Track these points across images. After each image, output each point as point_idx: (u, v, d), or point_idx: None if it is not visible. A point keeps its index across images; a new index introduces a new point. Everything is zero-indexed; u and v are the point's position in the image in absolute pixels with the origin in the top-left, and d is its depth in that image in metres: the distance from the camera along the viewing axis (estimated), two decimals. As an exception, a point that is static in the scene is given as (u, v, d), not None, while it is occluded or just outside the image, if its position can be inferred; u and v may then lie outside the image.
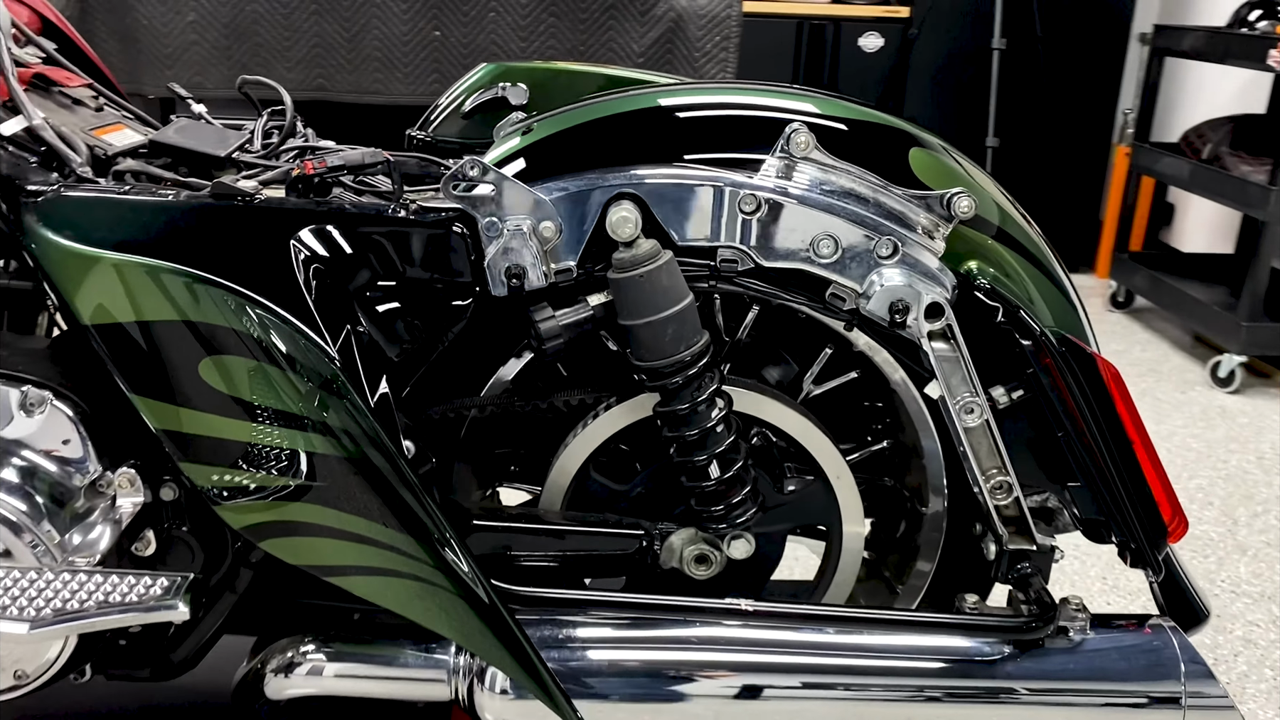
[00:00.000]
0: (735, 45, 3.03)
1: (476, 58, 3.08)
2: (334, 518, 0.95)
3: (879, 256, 1.00)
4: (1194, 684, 1.02)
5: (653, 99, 1.05)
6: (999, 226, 1.06)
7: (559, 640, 0.98)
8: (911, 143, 1.05)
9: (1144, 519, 1.06)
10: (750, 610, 1.00)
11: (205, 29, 3.05)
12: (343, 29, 3.06)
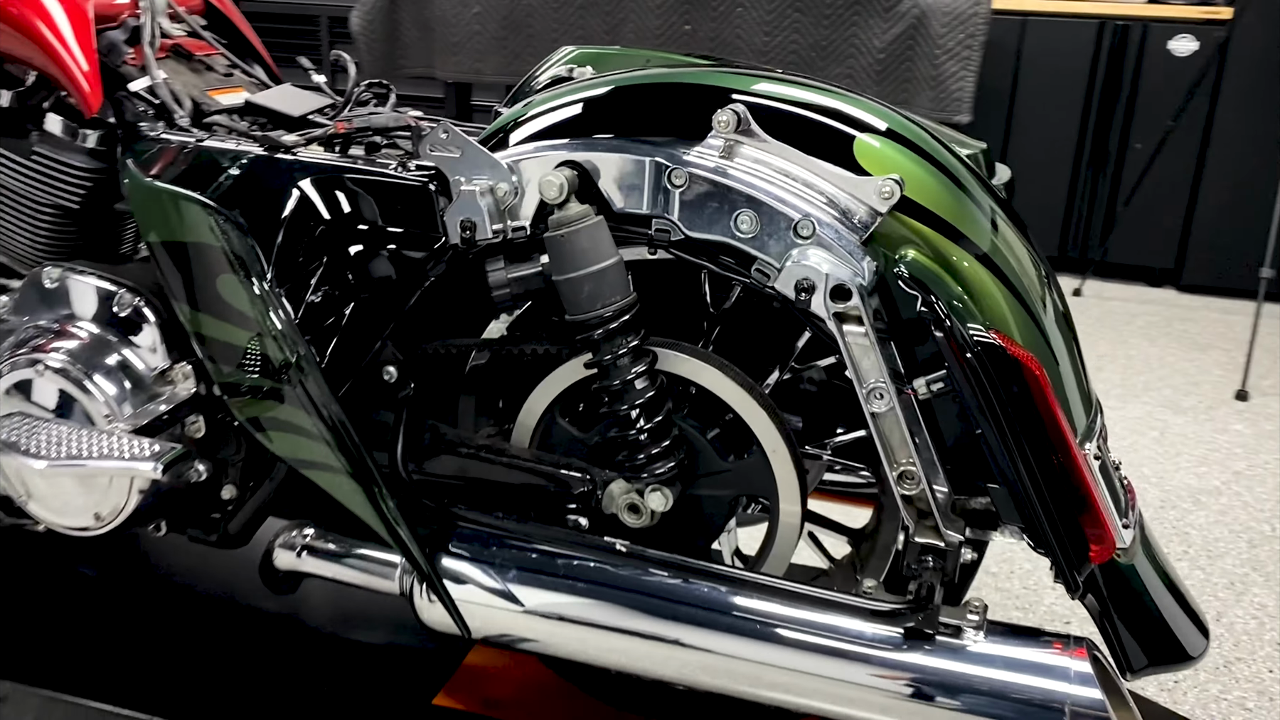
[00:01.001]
0: (980, 43, 2.95)
1: (722, 51, 3.21)
2: (303, 419, 1.14)
3: (797, 236, 1.03)
4: (1078, 710, 0.97)
5: (616, 82, 1.15)
6: (951, 224, 1.05)
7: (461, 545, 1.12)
8: (864, 130, 1.07)
9: (1063, 532, 1.01)
10: (624, 550, 1.08)
11: (486, 20, 3.40)
12: (603, 22, 3.30)
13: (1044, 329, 1.07)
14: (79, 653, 1.49)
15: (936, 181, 1.07)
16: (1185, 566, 2.26)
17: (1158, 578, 1.16)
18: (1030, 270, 1.11)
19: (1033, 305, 1.07)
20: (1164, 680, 1.86)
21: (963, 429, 1.05)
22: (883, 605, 1.05)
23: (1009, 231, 1.12)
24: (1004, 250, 1.08)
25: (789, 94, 1.10)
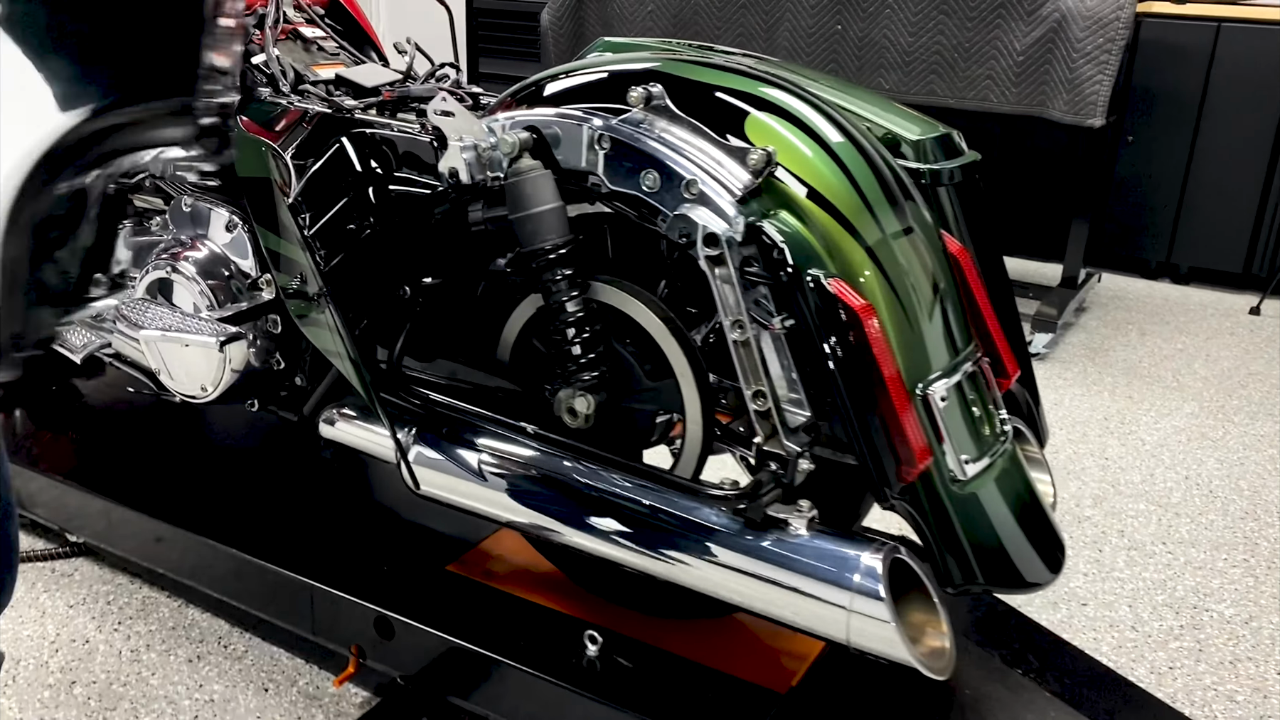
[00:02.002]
0: (1119, 48, 2.98)
1: (868, 51, 3.37)
2: (326, 321, 1.49)
3: (687, 192, 1.26)
4: (861, 600, 1.15)
5: (589, 66, 1.42)
6: (817, 190, 1.25)
7: (422, 423, 1.43)
8: (764, 110, 1.29)
9: (873, 453, 1.19)
10: (530, 431, 1.35)
11: (658, 18, 3.70)
12: (762, 21, 3.53)
13: (895, 284, 1.25)
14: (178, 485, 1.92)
15: (817, 157, 1.27)
16: (1239, 572, 2.27)
17: (1006, 509, 1.31)
18: (899, 236, 1.28)
19: (886, 263, 1.25)
20: (1156, 663, 1.93)
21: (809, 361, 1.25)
22: (722, 493, 1.27)
23: (892, 208, 1.29)
24: (876, 218, 1.26)
25: (712, 78, 1.34)
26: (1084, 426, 2.91)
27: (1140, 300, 4.02)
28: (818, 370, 1.23)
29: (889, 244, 1.26)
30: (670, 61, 1.39)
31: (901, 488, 1.22)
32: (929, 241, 1.33)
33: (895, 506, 1.22)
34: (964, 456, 1.28)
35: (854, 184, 1.28)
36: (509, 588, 1.67)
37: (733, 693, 1.46)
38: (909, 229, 1.31)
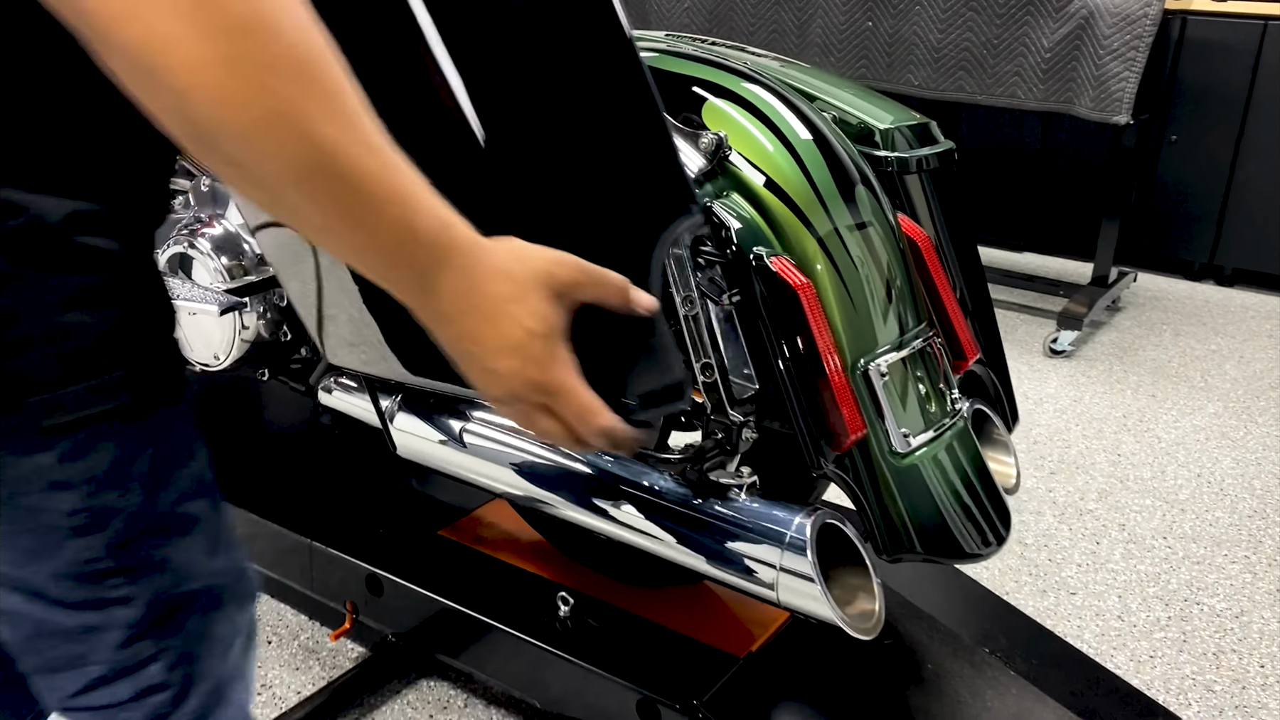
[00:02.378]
0: (1146, 45, 2.98)
1: (898, 47, 3.40)
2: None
3: (644, 173, 1.33)
4: (789, 559, 1.22)
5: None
6: (774, 180, 1.32)
7: (408, 392, 1.53)
8: (722, 98, 1.36)
9: (805, 424, 1.25)
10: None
11: (695, 13, 3.77)
12: (795, 17, 3.58)
13: (842, 269, 1.31)
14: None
15: (776, 151, 1.33)
16: (1238, 568, 2.27)
17: (949, 482, 1.36)
18: (851, 229, 1.34)
19: (834, 250, 1.31)
20: (1137, 652, 1.95)
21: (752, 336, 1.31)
22: (666, 456, 1.34)
23: (845, 203, 1.35)
24: (827, 210, 1.32)
25: (680, 68, 1.41)
26: (1100, 423, 2.91)
27: (1179, 301, 3.98)
28: (762, 344, 1.30)
29: (838, 234, 1.32)
30: (643, 52, 1.46)
31: (836, 457, 1.28)
32: (883, 232, 1.38)
33: (827, 475, 1.28)
34: (904, 430, 1.33)
35: (808, 177, 1.33)
36: (494, 552, 1.76)
37: (692, 654, 1.52)
38: (862, 224, 1.36)
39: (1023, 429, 2.84)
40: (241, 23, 0.59)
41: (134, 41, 0.58)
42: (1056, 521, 2.39)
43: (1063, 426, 2.88)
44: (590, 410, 0.77)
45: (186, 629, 0.92)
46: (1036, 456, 2.69)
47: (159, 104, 0.61)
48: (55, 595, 0.85)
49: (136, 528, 0.86)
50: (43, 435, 0.77)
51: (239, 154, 0.62)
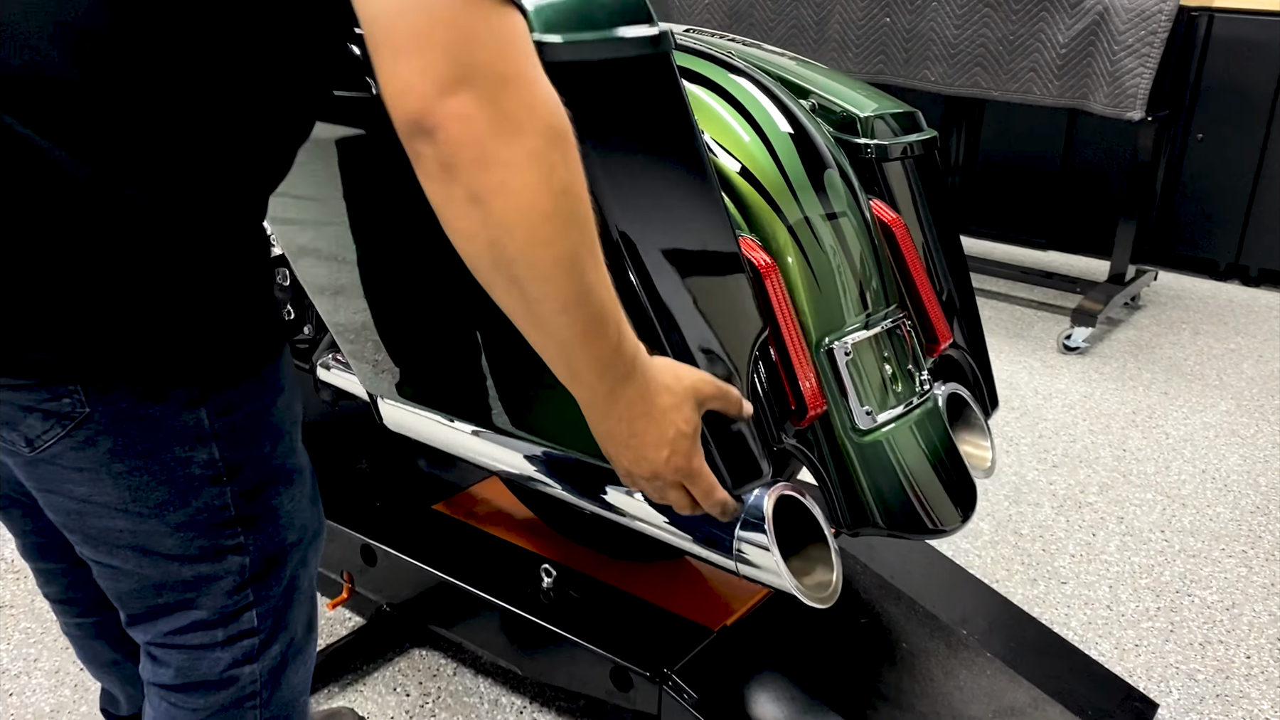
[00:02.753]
0: (1160, 40, 2.98)
1: (915, 43, 3.42)
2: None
3: (619, 156, 1.38)
4: (747, 529, 1.26)
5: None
6: (749, 169, 1.36)
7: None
8: (701, 85, 1.41)
9: (771, 396, 1.29)
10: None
11: (715, 9, 3.81)
12: (814, 13, 3.61)
13: (809, 253, 1.34)
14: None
15: (752, 142, 1.37)
16: (1234, 562, 2.27)
17: (912, 459, 1.39)
18: (822, 219, 1.37)
19: (802, 236, 1.34)
20: (1122, 640, 1.97)
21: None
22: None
23: (816, 193, 1.38)
24: (798, 200, 1.36)
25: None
26: (1108, 418, 2.91)
27: (1202, 300, 3.96)
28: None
29: (808, 222, 1.35)
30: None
31: (798, 432, 1.31)
32: (855, 220, 1.42)
33: (785, 448, 1.32)
34: (866, 408, 1.36)
35: (780, 167, 1.37)
36: (484, 526, 1.81)
37: (667, 626, 1.57)
38: (832, 213, 1.39)
39: (1029, 423, 2.86)
40: (567, 187, 0.78)
41: (485, 184, 0.75)
42: (1054, 513, 2.40)
43: (1070, 421, 2.88)
44: (713, 488, 1.02)
45: (283, 578, 1.05)
46: (1040, 450, 2.71)
47: (475, 229, 0.78)
48: (174, 550, 0.97)
49: (261, 476, 0.99)
50: (197, 394, 0.91)
51: (528, 281, 0.81)
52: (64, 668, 1.80)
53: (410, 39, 0.72)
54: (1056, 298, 3.81)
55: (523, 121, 0.75)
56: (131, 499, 0.92)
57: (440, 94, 0.73)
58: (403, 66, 0.73)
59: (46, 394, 0.86)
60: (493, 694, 1.78)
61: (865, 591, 1.77)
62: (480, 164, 0.74)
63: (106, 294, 0.83)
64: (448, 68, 0.73)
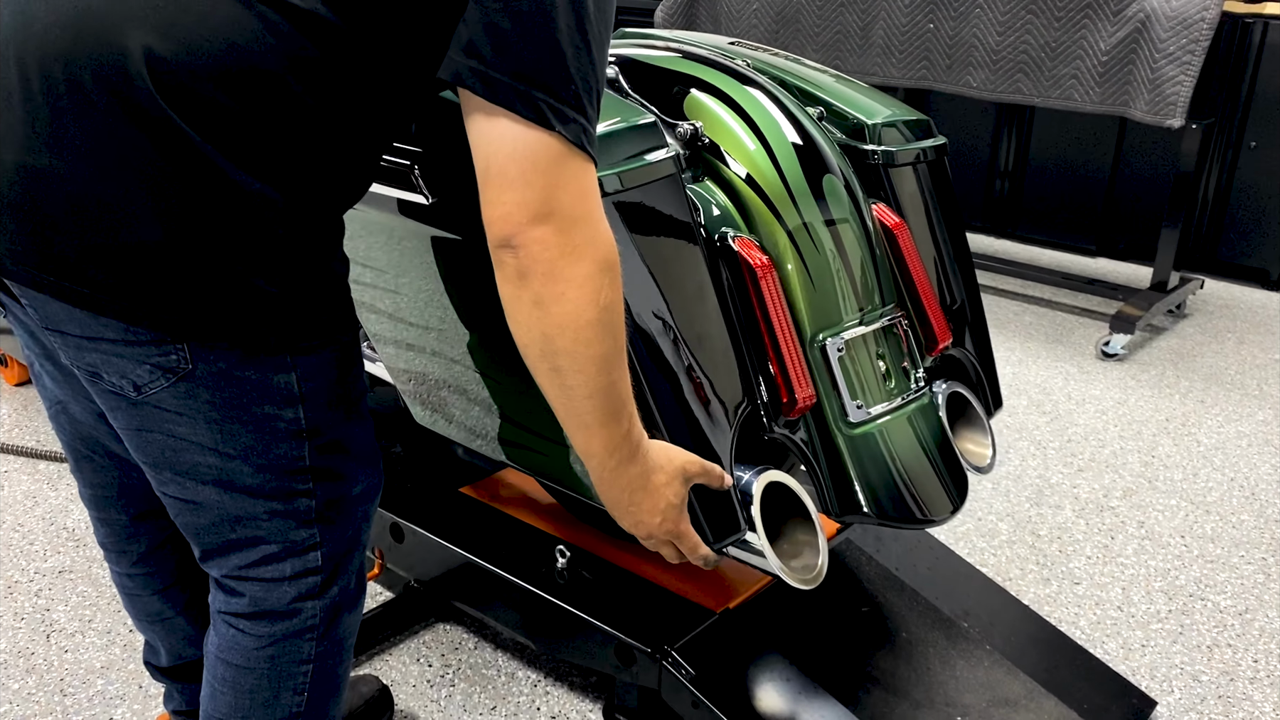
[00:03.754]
0: (1202, 49, 2.98)
1: (958, 49, 3.46)
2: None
3: (630, 158, 1.46)
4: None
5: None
6: (752, 176, 1.43)
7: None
8: (699, 89, 1.48)
9: (764, 389, 1.36)
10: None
11: (762, 15, 3.87)
12: (859, 19, 3.65)
13: (806, 256, 1.41)
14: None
15: (756, 151, 1.44)
16: (1252, 569, 2.29)
17: (904, 452, 1.45)
18: (820, 223, 1.44)
19: (800, 239, 1.41)
20: (1129, 640, 2.00)
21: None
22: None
23: (815, 200, 1.45)
24: (797, 206, 1.42)
25: (675, 65, 1.54)
26: (1140, 425, 2.92)
27: (1250, 310, 3.92)
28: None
29: (806, 227, 1.42)
30: (643, 49, 1.59)
31: (789, 422, 1.39)
32: (855, 225, 1.48)
33: (777, 437, 1.39)
34: (858, 401, 1.43)
35: (782, 175, 1.44)
36: (506, 508, 1.91)
37: (672, 607, 1.65)
38: (831, 219, 1.46)
39: (1059, 427, 2.88)
40: (610, 304, 1.03)
41: (549, 292, 1.00)
42: (1075, 516, 2.43)
43: (1100, 427, 2.90)
44: (697, 545, 1.26)
45: (346, 528, 1.22)
46: (1068, 454, 2.73)
47: (534, 324, 1.03)
48: (253, 484, 1.13)
49: (334, 435, 1.16)
50: (289, 358, 1.08)
51: (567, 370, 1.05)
52: (115, 629, 1.93)
53: (516, 177, 0.97)
54: (1099, 304, 3.80)
55: (585, 252, 1.00)
56: (222, 440, 1.09)
57: (529, 222, 0.97)
58: (506, 196, 0.98)
59: (156, 350, 1.02)
60: (509, 668, 1.87)
61: (869, 582, 1.83)
62: (548, 277, 0.99)
63: (222, 271, 0.99)
64: (539, 204, 0.97)
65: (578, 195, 0.99)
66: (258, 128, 0.96)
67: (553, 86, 0.96)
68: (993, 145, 4.49)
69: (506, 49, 0.96)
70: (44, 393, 1.31)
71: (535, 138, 0.97)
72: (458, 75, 0.98)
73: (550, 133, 0.97)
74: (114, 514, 1.39)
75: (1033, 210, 4.49)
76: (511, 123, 0.96)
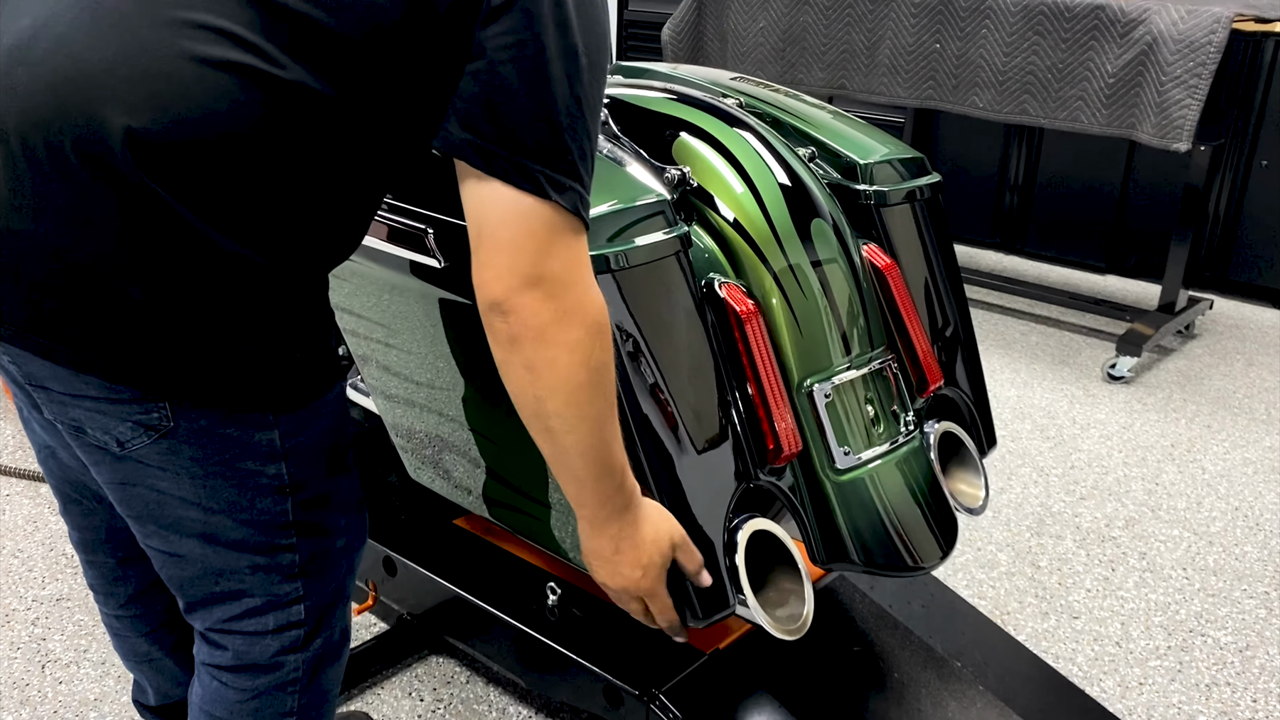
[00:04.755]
0: (1209, 72, 2.96)
1: (965, 69, 3.44)
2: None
3: (617, 202, 1.46)
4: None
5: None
6: (739, 221, 1.42)
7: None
8: (687, 132, 1.48)
9: (750, 436, 1.36)
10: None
11: (769, 34, 3.87)
12: (866, 38, 3.64)
13: (793, 301, 1.40)
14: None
15: (744, 194, 1.43)
16: (1254, 604, 2.26)
17: (892, 498, 1.44)
18: (807, 266, 1.43)
19: (787, 284, 1.40)
20: (1126, 678, 1.99)
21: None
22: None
23: (802, 242, 1.44)
24: (783, 250, 1.41)
25: (664, 108, 1.54)
26: (1145, 451, 2.90)
27: (1261, 331, 3.89)
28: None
29: (792, 270, 1.41)
30: (632, 91, 1.59)
31: (773, 469, 1.38)
32: (844, 266, 1.47)
33: (762, 484, 1.38)
34: (845, 448, 1.42)
35: (768, 218, 1.43)
36: (499, 542, 1.91)
37: (661, 647, 1.64)
38: (818, 260, 1.45)
39: (1062, 453, 2.86)
40: (600, 366, 1.04)
41: (540, 357, 1.01)
42: (1075, 546, 2.41)
43: (1105, 452, 2.88)
44: (668, 609, 1.27)
45: (330, 581, 1.22)
46: (1070, 481, 2.71)
47: (526, 388, 1.04)
48: (236, 539, 1.13)
49: (318, 490, 1.15)
50: (271, 416, 1.07)
51: (559, 431, 1.06)
52: (110, 659, 1.94)
53: (507, 242, 0.98)
54: (1106, 324, 3.78)
55: (575, 316, 1.00)
56: (205, 496, 1.09)
57: (520, 288, 0.98)
58: (497, 259, 0.98)
59: (138, 408, 1.02)
60: (501, 703, 1.87)
61: (862, 620, 1.82)
62: (539, 342, 1.00)
63: (202, 330, 0.99)
64: (530, 268, 0.98)
65: (570, 261, 1.00)
66: (238, 194, 0.96)
67: (549, 158, 0.97)
68: (1002, 159, 4.48)
69: (501, 124, 0.96)
70: (33, 437, 1.32)
71: (530, 205, 0.97)
72: (454, 148, 0.99)
73: (546, 201, 0.97)
74: (102, 557, 1.40)
75: (1042, 225, 4.47)
76: (506, 190, 0.97)
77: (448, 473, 1.59)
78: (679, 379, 1.30)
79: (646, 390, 1.27)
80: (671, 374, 1.29)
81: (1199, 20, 2.96)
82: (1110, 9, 3.11)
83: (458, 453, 1.54)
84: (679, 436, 1.30)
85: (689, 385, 1.31)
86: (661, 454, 1.28)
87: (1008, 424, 3.02)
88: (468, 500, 1.57)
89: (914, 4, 3.48)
